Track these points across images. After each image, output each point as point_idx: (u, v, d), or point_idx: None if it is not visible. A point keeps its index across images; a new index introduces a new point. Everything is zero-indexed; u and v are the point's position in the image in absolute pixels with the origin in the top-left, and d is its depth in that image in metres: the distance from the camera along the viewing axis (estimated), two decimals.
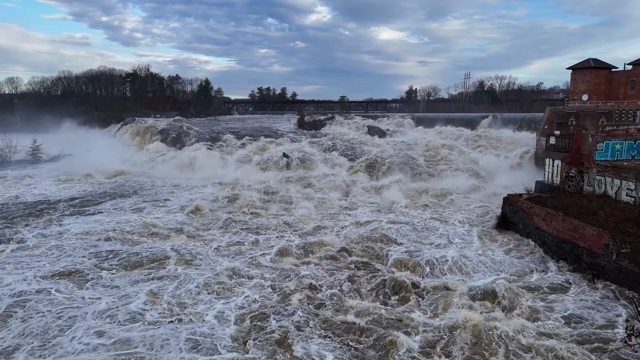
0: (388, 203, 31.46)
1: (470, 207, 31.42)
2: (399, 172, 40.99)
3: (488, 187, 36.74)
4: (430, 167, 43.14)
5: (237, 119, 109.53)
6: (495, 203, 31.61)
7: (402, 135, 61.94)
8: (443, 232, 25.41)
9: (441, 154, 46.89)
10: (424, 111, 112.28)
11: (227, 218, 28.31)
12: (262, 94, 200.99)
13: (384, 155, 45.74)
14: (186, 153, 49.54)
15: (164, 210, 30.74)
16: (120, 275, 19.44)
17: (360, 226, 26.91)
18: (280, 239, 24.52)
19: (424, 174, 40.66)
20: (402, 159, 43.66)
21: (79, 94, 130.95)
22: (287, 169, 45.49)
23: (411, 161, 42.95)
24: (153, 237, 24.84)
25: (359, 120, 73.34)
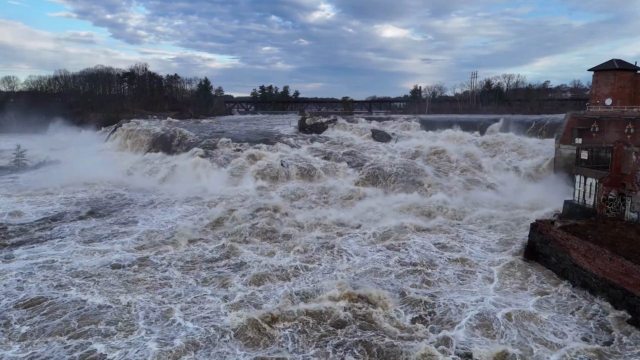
0: (396, 225, 27.82)
1: (489, 229, 27.82)
2: (406, 183, 37.43)
3: (505, 202, 33.11)
4: (440, 176, 39.48)
5: (236, 120, 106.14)
6: (516, 224, 28.08)
7: (408, 140, 58.28)
8: (459, 270, 21.78)
9: (451, 162, 43.27)
10: (430, 111, 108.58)
11: (191, 259, 22.94)
12: (264, 92, 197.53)
13: (390, 164, 42.17)
14: (177, 162, 46.08)
15: (118, 244, 25.03)
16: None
17: (359, 266, 22.29)
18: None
19: (434, 186, 37.00)
20: (409, 168, 40.04)
21: (75, 93, 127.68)
22: (285, 180, 42.01)
23: (420, 172, 39.26)
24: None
25: (363, 123, 69.71)
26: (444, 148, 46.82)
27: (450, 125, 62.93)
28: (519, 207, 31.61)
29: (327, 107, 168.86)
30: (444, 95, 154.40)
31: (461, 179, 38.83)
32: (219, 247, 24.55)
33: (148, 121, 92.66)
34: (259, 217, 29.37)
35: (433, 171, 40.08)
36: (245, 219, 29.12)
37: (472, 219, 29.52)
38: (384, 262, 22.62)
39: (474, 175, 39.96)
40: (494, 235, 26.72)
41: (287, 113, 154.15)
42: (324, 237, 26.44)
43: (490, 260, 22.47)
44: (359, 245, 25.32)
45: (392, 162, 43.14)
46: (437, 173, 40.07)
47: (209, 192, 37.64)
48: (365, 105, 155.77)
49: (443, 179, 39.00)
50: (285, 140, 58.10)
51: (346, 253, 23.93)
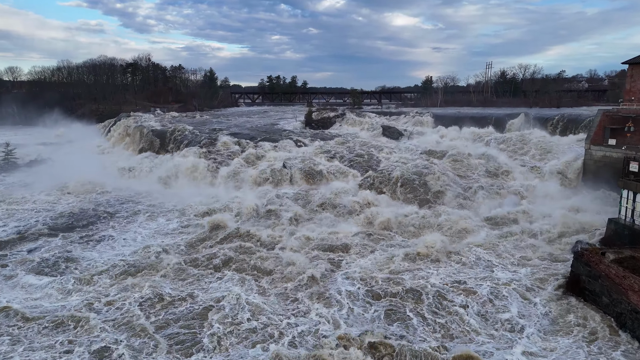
0: (410, 249, 24.24)
1: (516, 254, 24.18)
2: (420, 192, 33.80)
3: (535, 215, 29.38)
4: (460, 181, 35.73)
5: (241, 113, 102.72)
6: (551, 245, 24.46)
7: (421, 137, 54.51)
8: (484, 310, 18.30)
9: (470, 165, 39.50)
10: (442, 104, 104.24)
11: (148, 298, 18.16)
12: (271, 82, 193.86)
13: (402, 167, 38.51)
14: (173, 163, 42.75)
15: (54, 284, 19.75)
16: None
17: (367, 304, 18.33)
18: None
19: (456, 194, 33.25)
20: (423, 172, 36.35)
21: (78, 84, 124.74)
22: (288, 183, 38.59)
23: (435, 178, 35.55)
24: None
25: (373, 118, 65.95)
26: (461, 149, 43.00)
27: (466, 121, 58.95)
28: (551, 222, 27.87)
29: (336, 98, 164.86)
30: (457, 86, 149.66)
31: (482, 185, 35.08)
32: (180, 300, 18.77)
33: (150, 114, 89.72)
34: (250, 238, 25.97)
35: (450, 177, 36.33)
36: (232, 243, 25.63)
37: (495, 239, 25.91)
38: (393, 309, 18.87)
39: (496, 180, 36.16)
40: (523, 259, 23.13)
41: (294, 104, 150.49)
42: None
43: (522, 294, 18.93)
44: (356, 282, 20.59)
45: (404, 164, 39.47)
46: (455, 179, 36.34)
47: (204, 199, 34.28)
48: (375, 97, 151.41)
49: (462, 186, 35.27)
50: (290, 137, 54.64)
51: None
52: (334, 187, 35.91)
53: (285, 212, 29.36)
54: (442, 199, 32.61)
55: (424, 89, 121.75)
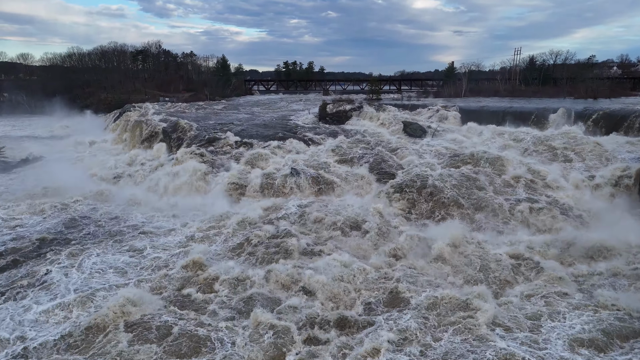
0: (446, 294, 19.11)
1: (583, 301, 18.92)
2: (455, 207, 28.56)
3: (594, 242, 23.93)
4: (501, 195, 30.30)
5: (254, 103, 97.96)
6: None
7: (447, 136, 48.89)
8: None
9: (510, 174, 33.97)
10: (467, 94, 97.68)
11: None
12: (287, 68, 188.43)
13: (427, 175, 33.28)
14: (169, 167, 38.19)
15: None
16: None
17: None
18: None
19: (498, 215, 27.84)
20: (452, 184, 31.06)
21: (87, 72, 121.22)
22: (297, 192, 33.74)
23: (473, 188, 30.22)
24: None
25: (393, 112, 60.35)
26: (494, 152, 37.43)
27: (497, 117, 53.06)
28: (614, 251, 22.46)
29: (353, 84, 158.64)
30: (481, 71, 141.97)
31: (525, 199, 29.62)
32: None
33: (157, 104, 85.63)
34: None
35: (485, 190, 30.91)
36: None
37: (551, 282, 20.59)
38: None
39: (541, 194, 30.62)
40: (594, 322, 17.87)
41: (310, 92, 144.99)
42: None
43: None
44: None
45: (429, 171, 34.20)
46: (499, 191, 30.89)
47: (198, 214, 29.68)
48: (394, 85, 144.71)
49: (505, 202, 29.82)
50: (301, 134, 49.68)
51: None
52: (349, 202, 30.91)
53: (286, 239, 24.31)
54: (478, 219, 27.32)
55: (447, 76, 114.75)
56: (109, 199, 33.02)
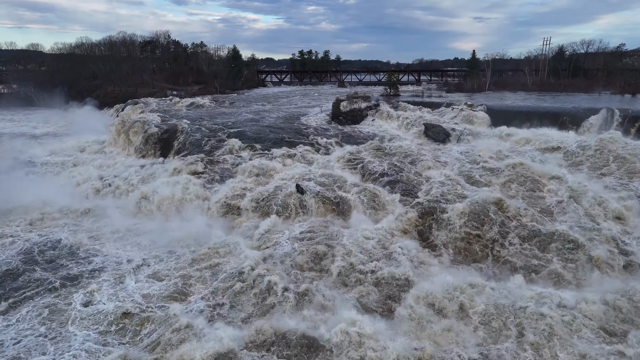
0: None
1: None
2: (500, 248, 23.55)
3: None
4: (544, 223, 25.20)
5: (265, 97, 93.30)
6: None
7: (473, 141, 43.67)
8: None
9: (550, 192, 28.83)
10: (491, 87, 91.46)
11: None
12: (303, 57, 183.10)
13: (454, 193, 28.35)
14: (162, 179, 33.83)
15: None
16: None
17: None
18: None
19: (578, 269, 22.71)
20: (484, 210, 25.94)
21: (95, 64, 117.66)
22: (302, 214, 29.11)
23: (504, 218, 25.12)
24: None
25: (412, 111, 55.12)
26: (533, 166, 32.18)
27: (530, 118, 47.49)
28: None
29: (370, 74, 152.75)
30: (503, 59, 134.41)
31: (571, 228, 24.47)
32: None
33: (163, 100, 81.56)
34: None
35: (530, 215, 25.77)
36: None
37: None
38: None
39: (588, 221, 25.42)
40: None
41: (324, 83, 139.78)
42: None
43: None
44: None
45: (455, 189, 29.25)
46: (527, 219, 25.74)
47: (191, 244, 25.27)
48: (413, 75, 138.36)
49: (546, 227, 24.74)
50: (311, 138, 44.99)
51: None
52: (363, 228, 26.17)
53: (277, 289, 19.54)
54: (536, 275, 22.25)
55: (470, 67, 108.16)
56: (82, 221, 28.82)
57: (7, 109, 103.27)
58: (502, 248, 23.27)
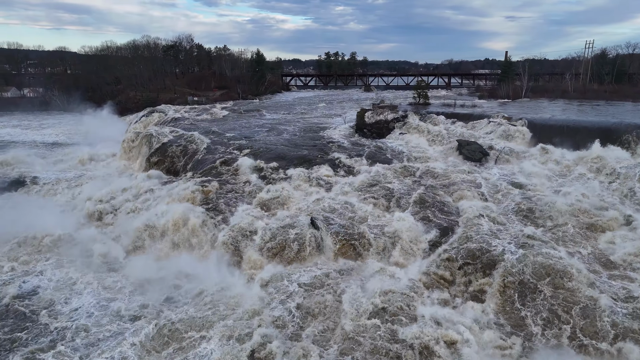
0: None
1: None
2: (547, 307, 19.09)
3: None
4: (617, 290, 20.53)
5: (286, 104, 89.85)
6: None
7: (515, 161, 38.82)
8: None
9: (612, 241, 24.06)
10: (528, 93, 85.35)
11: None
12: (329, 59, 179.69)
13: (503, 236, 23.90)
14: (163, 207, 30.41)
15: None
16: None
17: None
18: None
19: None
20: (549, 261, 21.28)
21: (118, 68, 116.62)
22: (316, 254, 25.21)
23: (565, 280, 20.55)
24: None
25: (443, 123, 50.43)
26: (593, 200, 27.36)
27: (578, 134, 42.18)
28: None
29: (398, 76, 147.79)
30: (536, 60, 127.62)
31: None
32: None
33: (182, 107, 79.05)
34: None
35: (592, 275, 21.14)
36: None
37: None
38: None
39: None
40: None
41: (350, 87, 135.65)
42: None
43: None
44: None
45: (499, 230, 24.79)
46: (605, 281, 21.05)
47: (176, 296, 21.69)
48: (442, 79, 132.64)
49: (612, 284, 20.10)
50: (332, 155, 41.01)
51: None
52: (389, 274, 22.15)
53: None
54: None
55: (504, 72, 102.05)
56: (70, 253, 25.68)
57: (30, 113, 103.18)
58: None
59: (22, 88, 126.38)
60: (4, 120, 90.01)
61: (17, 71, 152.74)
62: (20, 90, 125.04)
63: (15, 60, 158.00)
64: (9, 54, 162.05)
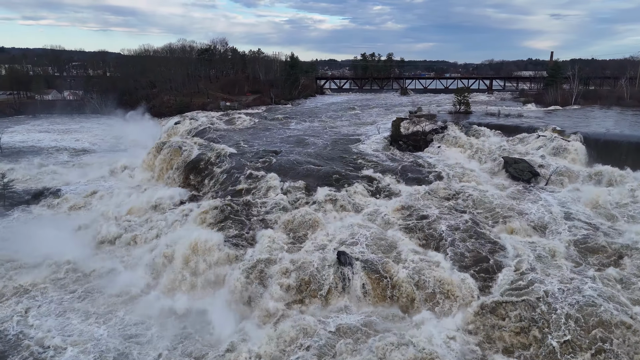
0: None
1: None
2: None
3: None
4: None
5: (319, 109, 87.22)
6: None
7: (569, 185, 34.63)
8: None
9: None
10: (578, 100, 79.35)
11: None
12: (365, 60, 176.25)
13: (561, 293, 20.30)
14: (180, 233, 28.35)
15: None
16: None
17: None
18: None
19: None
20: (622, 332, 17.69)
21: (153, 72, 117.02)
22: (343, 297, 22.34)
23: None
24: None
25: (487, 136, 46.50)
26: None
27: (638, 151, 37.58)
28: None
29: (436, 76, 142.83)
30: (583, 60, 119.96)
31: None
32: None
33: (214, 113, 77.68)
34: None
35: None
36: None
37: None
38: None
39: None
40: None
41: (386, 91, 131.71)
42: None
43: None
44: None
45: (563, 275, 21.20)
46: None
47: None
48: (484, 82, 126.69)
49: None
50: (364, 172, 38.09)
51: None
52: (425, 330, 19.07)
53: None
54: None
55: (552, 75, 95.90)
56: (73, 299, 23.65)
57: (67, 115, 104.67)
58: None
59: (62, 91, 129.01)
60: (40, 122, 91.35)
61: (60, 73, 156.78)
62: (61, 92, 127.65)
63: (60, 61, 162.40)
64: (54, 56, 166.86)
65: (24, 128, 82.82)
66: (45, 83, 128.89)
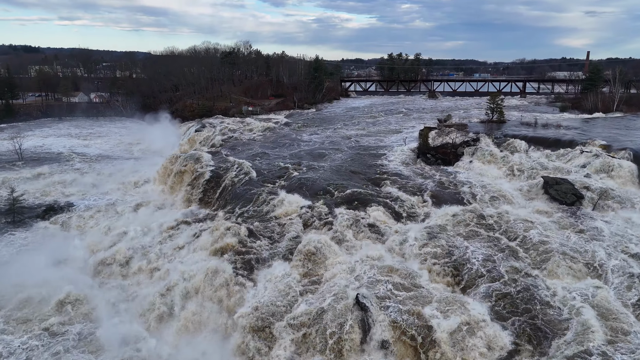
0: None
1: None
2: None
3: None
4: None
5: (343, 115, 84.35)
6: None
7: (620, 211, 30.86)
8: None
9: None
10: (621, 106, 74.13)
11: None
12: (392, 60, 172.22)
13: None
14: (196, 263, 26.05)
15: None
16: None
17: None
18: None
19: None
20: None
21: (178, 74, 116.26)
22: (366, 349, 19.54)
23: None
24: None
25: (523, 150, 42.74)
26: None
27: None
28: None
29: (466, 77, 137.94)
30: (617, 59, 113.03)
31: None
32: None
33: (232, 120, 75.69)
34: None
35: None
36: None
37: None
38: None
39: None
40: None
41: (413, 94, 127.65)
42: None
43: None
44: None
45: (624, 342, 17.83)
46: None
47: None
48: (517, 85, 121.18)
49: None
50: (386, 190, 35.15)
51: None
52: None
53: None
54: None
55: (592, 79, 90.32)
56: None
57: (91, 118, 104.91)
58: None
59: (89, 93, 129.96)
60: (62, 126, 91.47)
61: (88, 74, 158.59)
62: (87, 95, 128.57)
63: (90, 62, 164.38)
64: (84, 57, 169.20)
65: (46, 132, 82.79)
66: (72, 85, 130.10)
